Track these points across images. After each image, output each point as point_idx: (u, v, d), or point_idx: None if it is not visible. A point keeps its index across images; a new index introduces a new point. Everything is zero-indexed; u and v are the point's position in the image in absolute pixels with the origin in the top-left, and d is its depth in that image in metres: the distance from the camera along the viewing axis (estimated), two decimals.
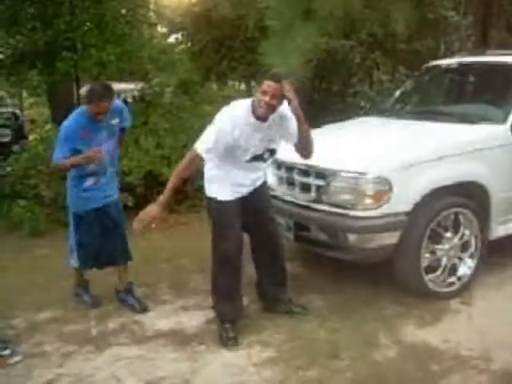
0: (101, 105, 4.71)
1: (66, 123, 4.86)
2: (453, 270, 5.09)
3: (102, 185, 5.03)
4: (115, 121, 5.03)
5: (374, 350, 4.29)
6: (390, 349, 4.32)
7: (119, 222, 5.17)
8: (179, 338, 4.63)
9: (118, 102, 5.15)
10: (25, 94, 24.74)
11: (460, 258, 5.12)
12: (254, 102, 4.23)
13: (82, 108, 4.93)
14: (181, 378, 4.05)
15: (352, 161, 4.90)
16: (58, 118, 11.12)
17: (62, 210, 7.61)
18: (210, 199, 4.61)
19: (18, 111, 18.48)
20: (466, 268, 5.14)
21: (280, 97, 4.15)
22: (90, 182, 4.96)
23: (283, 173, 5.49)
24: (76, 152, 4.79)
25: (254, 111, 4.24)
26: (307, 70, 5.30)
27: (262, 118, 4.26)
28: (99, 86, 4.83)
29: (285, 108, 4.27)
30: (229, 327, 4.50)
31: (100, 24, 9.95)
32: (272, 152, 4.53)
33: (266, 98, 4.13)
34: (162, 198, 4.26)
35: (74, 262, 5.21)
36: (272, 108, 4.19)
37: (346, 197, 4.80)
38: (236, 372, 4.09)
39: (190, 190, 8.43)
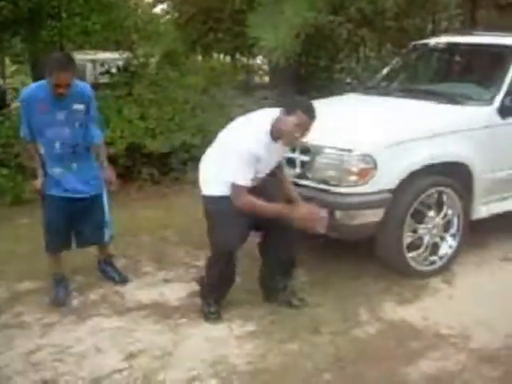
0: (61, 76, 4.27)
1: (24, 91, 4.66)
2: (434, 248, 5.12)
3: (67, 179, 4.63)
4: (80, 106, 4.55)
5: (355, 326, 4.32)
6: (370, 325, 4.35)
7: (94, 212, 4.85)
8: (160, 311, 4.63)
9: (86, 87, 4.72)
10: (7, 61, 24.41)
11: (442, 237, 5.15)
12: (274, 126, 4.14)
13: (45, 81, 4.49)
14: (162, 350, 4.05)
15: (337, 137, 4.89)
16: None
17: None
18: (214, 198, 4.28)
19: (0, 79, 18.23)
20: (447, 247, 5.17)
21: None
22: (56, 170, 4.62)
23: None
24: (30, 127, 4.56)
25: (271, 133, 4.15)
26: (296, 44, 5.27)
27: (275, 138, 4.19)
28: (60, 55, 4.60)
29: None
30: (211, 302, 4.49)
31: None
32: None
33: (297, 134, 4.12)
34: (280, 208, 4.20)
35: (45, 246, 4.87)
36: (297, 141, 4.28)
37: (330, 173, 4.79)
38: (217, 345, 4.10)
39: (175, 162, 8.40)
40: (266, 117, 4.23)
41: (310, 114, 4.09)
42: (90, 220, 4.82)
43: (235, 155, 4.07)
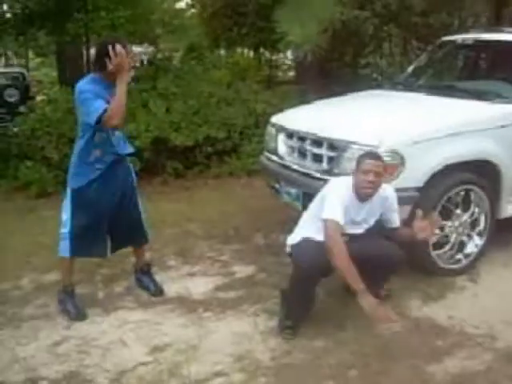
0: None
1: (81, 87, 4.27)
2: (461, 246, 5.08)
3: (107, 149, 4.41)
4: None
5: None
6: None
7: (131, 205, 4.67)
8: (185, 304, 4.64)
9: None
10: (31, 54, 24.61)
11: (468, 236, 5.10)
12: (355, 183, 4.11)
13: (93, 75, 4.35)
14: (187, 343, 4.06)
15: (365, 133, 4.85)
16: (65, 80, 11.12)
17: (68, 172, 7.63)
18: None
19: (25, 71, 18.38)
20: (473, 245, 5.12)
21: (381, 174, 4.09)
22: (96, 152, 4.38)
23: (295, 142, 5.46)
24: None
25: (356, 192, 4.13)
26: (323, 39, 5.24)
27: (363, 199, 4.15)
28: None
29: (387, 190, 4.25)
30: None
31: None
32: (350, 236, 4.15)
33: (370, 178, 4.03)
34: (360, 288, 3.76)
35: (64, 249, 4.51)
36: (376, 187, 4.11)
37: None
38: (242, 340, 4.10)
39: (199, 156, 8.43)
40: (347, 178, 4.24)
41: (374, 157, 4.13)
42: (129, 215, 4.66)
43: (327, 197, 4.08)
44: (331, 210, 3.98)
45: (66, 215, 4.47)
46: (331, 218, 3.94)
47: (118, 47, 4.11)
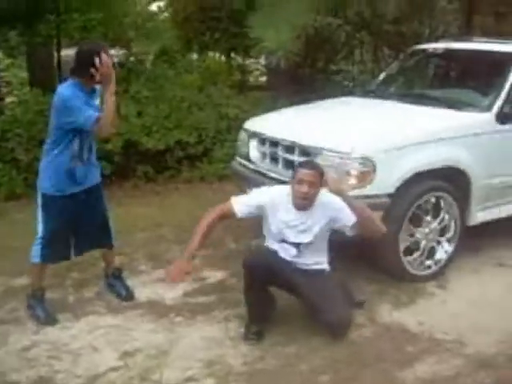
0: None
1: (68, 93, 4.16)
2: (430, 253, 5.13)
3: (80, 171, 4.39)
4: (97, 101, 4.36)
5: (350, 329, 4.31)
6: (366, 328, 4.36)
7: (98, 207, 4.66)
8: (156, 309, 4.62)
9: None
10: (0, 55, 24.27)
11: (438, 242, 5.16)
12: (292, 192, 4.17)
13: (73, 81, 4.24)
14: (158, 349, 4.05)
15: (337, 140, 4.89)
16: (35, 82, 11.00)
17: (37, 175, 7.55)
18: None
19: None
20: (443, 252, 5.18)
21: (316, 184, 4.09)
22: (71, 164, 4.33)
23: (267, 148, 5.48)
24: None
25: (293, 200, 4.18)
26: (296, 45, 5.25)
27: (300, 208, 4.18)
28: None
29: (322, 196, 4.20)
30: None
31: None
32: (298, 246, 4.26)
33: (303, 189, 4.07)
34: (188, 250, 4.05)
35: (36, 255, 4.47)
36: (311, 197, 4.12)
37: None
38: (213, 345, 4.10)
39: (170, 161, 8.40)
40: (286, 186, 4.33)
41: (309, 167, 4.15)
42: (96, 217, 4.64)
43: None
44: (238, 198, 4.23)
45: (39, 220, 4.45)
46: (229, 202, 4.21)
47: (105, 57, 4.08)
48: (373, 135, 4.94)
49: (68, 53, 11.68)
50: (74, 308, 4.65)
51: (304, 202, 4.13)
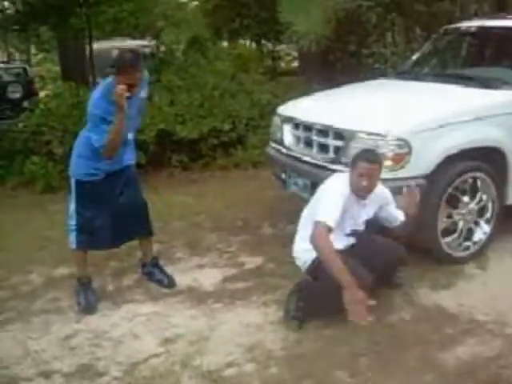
0: (134, 76, 4.20)
1: (97, 101, 4.29)
2: (469, 234, 5.08)
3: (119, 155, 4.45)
4: (143, 93, 4.53)
5: (390, 312, 4.30)
6: (405, 311, 4.33)
7: (135, 193, 4.69)
8: (195, 296, 4.65)
9: (145, 73, 4.55)
10: (33, 50, 24.58)
11: (476, 223, 5.10)
12: (351, 182, 4.16)
13: (109, 81, 4.31)
14: (198, 335, 4.08)
15: (372, 122, 4.85)
16: (68, 75, 11.11)
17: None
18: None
19: (27, 67, 18.37)
20: (481, 233, 5.12)
21: (377, 176, 4.15)
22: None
23: (301, 132, 5.46)
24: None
25: (353, 190, 4.17)
26: (327, 29, 5.21)
27: (360, 197, 4.22)
28: (130, 53, 4.29)
29: (382, 191, 4.33)
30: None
31: None
32: (354, 234, 4.36)
33: (364, 182, 4.08)
34: (347, 281, 3.72)
35: (72, 241, 4.57)
36: (372, 188, 4.17)
37: None
38: (253, 330, 4.12)
39: (204, 149, 8.43)
40: (343, 176, 4.28)
41: (370, 159, 4.12)
42: (133, 205, 4.64)
43: (323, 199, 4.12)
44: (325, 213, 4.01)
45: (71, 207, 4.52)
46: (323, 221, 3.96)
47: (119, 88, 4.11)
48: (407, 117, 4.89)
49: (100, 45, 11.81)
50: (114, 296, 4.71)
51: (366, 194, 4.19)
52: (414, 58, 6.89)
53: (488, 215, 5.13)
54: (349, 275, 3.74)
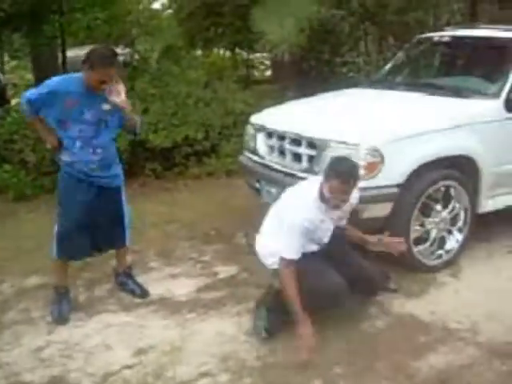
0: (107, 72, 4.11)
1: (55, 79, 4.34)
2: (441, 242, 5.11)
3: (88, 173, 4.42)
4: (107, 106, 4.31)
5: (364, 320, 4.31)
6: (379, 319, 4.35)
7: (113, 207, 4.65)
8: (168, 306, 4.62)
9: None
10: (5, 57, 24.33)
11: (449, 231, 5.14)
12: (322, 194, 4.01)
13: (76, 75, 4.31)
14: (171, 345, 4.05)
15: (344, 131, 4.87)
16: (41, 82, 10.99)
17: (46, 176, 7.57)
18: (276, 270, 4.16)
19: (1, 74, 18.16)
20: (454, 241, 5.16)
21: (350, 192, 3.99)
22: (77, 166, 4.38)
23: (274, 141, 5.46)
24: (46, 117, 4.33)
25: (321, 199, 4.03)
26: (301, 38, 5.24)
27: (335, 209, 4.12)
28: (106, 49, 4.25)
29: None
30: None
31: None
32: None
33: (335, 201, 3.97)
34: (301, 317, 3.87)
35: (52, 249, 4.52)
36: (345, 203, 4.07)
37: None
38: (227, 340, 4.10)
39: (177, 157, 8.40)
40: (313, 184, 4.12)
41: (343, 179, 3.90)
42: (110, 216, 4.60)
43: (286, 229, 4.00)
44: (287, 248, 3.99)
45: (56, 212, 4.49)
46: (288, 258, 3.96)
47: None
48: (380, 126, 4.91)
49: (73, 53, 11.73)
50: (86, 307, 4.65)
51: (338, 208, 4.11)
52: (387, 67, 6.94)
53: (460, 224, 5.17)
54: (302, 312, 3.87)
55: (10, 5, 9.44)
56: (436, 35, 6.78)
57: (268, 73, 16.49)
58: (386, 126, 4.91)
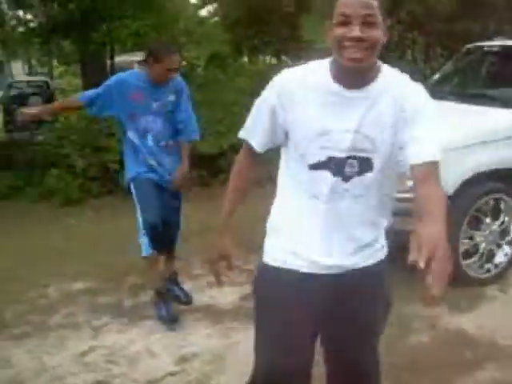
0: (173, 59, 4.27)
1: (118, 75, 4.51)
2: (490, 256, 5.02)
3: (158, 172, 4.50)
4: (171, 97, 4.45)
5: (409, 334, 4.24)
6: (424, 333, 4.28)
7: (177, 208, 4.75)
8: (212, 314, 4.62)
9: (178, 78, 4.55)
10: (55, 62, 24.79)
11: (498, 245, 5.04)
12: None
13: (137, 71, 4.50)
14: (214, 354, 4.04)
15: None
16: (89, 89, 11.14)
17: (93, 181, 7.66)
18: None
19: (49, 80, 18.49)
20: (503, 255, 5.07)
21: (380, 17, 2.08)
22: (150, 161, 4.46)
23: None
24: (110, 114, 4.53)
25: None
26: None
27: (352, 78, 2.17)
28: (162, 42, 4.48)
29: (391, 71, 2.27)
30: None
31: None
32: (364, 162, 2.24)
33: (355, 32, 2.03)
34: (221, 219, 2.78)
35: (145, 248, 4.47)
36: (372, 48, 2.08)
37: None
38: None
39: (224, 164, 8.41)
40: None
41: None
42: (171, 216, 4.61)
43: None
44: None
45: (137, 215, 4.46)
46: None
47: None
48: None
49: (121, 59, 11.87)
50: (130, 312, 4.69)
51: (359, 63, 2.06)
52: (437, 76, 6.85)
53: (510, 237, 5.07)
54: (227, 213, 2.76)
55: (60, 12, 9.59)
56: (486, 44, 6.67)
57: None
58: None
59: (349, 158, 2.23)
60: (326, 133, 2.21)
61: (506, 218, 5.00)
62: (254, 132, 2.56)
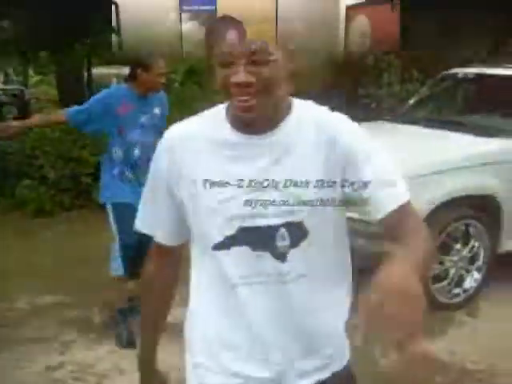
0: (161, 62, 4.25)
1: (105, 91, 4.46)
2: (460, 281, 5.07)
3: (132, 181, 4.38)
4: (157, 110, 4.44)
5: (379, 359, 4.25)
6: (394, 358, 4.27)
7: None
8: (180, 331, 4.57)
9: (162, 92, 4.54)
10: (30, 72, 24.58)
11: (467, 270, 5.09)
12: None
13: (124, 86, 4.44)
14: (183, 371, 4.00)
15: None
16: (65, 100, 11.10)
17: (65, 193, 7.60)
18: None
19: (24, 89, 18.32)
20: (472, 280, 5.12)
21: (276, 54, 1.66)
22: (129, 175, 4.38)
23: None
24: (97, 129, 4.40)
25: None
26: (327, 71, 5.24)
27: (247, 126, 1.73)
28: (147, 50, 4.41)
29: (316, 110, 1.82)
30: None
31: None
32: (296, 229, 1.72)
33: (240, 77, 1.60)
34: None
35: (117, 268, 4.42)
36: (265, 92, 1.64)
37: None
38: None
39: None
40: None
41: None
42: (149, 238, 4.47)
43: None
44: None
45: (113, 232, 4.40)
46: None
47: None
48: (401, 162, 4.87)
49: (98, 71, 11.84)
50: (100, 328, 4.65)
51: (251, 113, 1.61)
52: (411, 101, 6.92)
53: (479, 263, 5.13)
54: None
55: (39, 23, 9.55)
56: (461, 71, 6.74)
57: None
58: (408, 161, 4.87)
59: (273, 226, 1.67)
60: (232, 197, 1.67)
61: (476, 244, 5.05)
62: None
